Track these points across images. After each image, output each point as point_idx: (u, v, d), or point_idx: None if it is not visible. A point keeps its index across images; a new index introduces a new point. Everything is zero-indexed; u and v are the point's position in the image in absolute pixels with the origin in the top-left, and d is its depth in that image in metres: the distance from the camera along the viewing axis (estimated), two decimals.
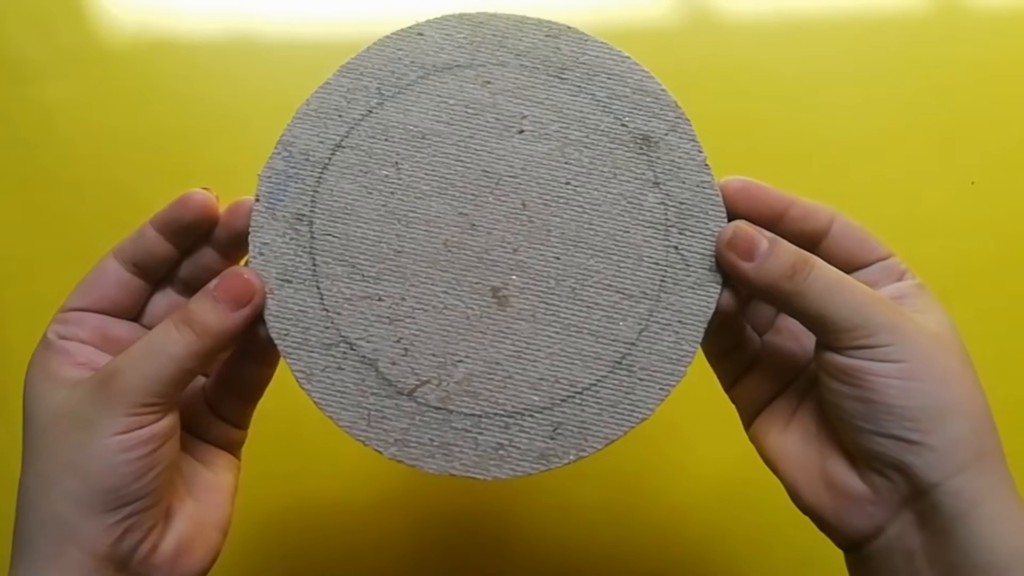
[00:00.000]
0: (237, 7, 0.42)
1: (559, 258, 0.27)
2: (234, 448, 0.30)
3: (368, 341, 0.27)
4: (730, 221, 0.27)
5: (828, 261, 0.27)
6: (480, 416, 0.26)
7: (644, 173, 0.28)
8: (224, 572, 0.32)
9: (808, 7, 0.42)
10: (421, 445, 0.26)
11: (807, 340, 0.29)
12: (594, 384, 0.27)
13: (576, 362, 0.27)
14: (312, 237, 0.27)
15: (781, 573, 0.39)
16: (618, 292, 0.27)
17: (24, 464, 0.26)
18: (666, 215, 0.27)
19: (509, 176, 0.27)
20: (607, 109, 0.28)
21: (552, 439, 0.27)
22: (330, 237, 0.27)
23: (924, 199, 0.41)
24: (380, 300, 0.27)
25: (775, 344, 0.29)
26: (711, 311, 0.27)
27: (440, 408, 0.26)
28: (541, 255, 0.27)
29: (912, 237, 0.37)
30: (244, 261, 0.27)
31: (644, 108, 0.28)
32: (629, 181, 0.27)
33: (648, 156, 0.28)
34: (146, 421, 0.25)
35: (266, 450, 0.34)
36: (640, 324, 0.27)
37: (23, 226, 0.40)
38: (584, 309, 0.27)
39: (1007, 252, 0.41)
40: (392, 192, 0.27)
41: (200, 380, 0.29)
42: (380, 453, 0.26)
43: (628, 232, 0.27)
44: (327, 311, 0.27)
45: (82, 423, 0.25)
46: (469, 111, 0.28)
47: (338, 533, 0.38)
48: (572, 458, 0.27)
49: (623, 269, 0.27)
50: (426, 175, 0.27)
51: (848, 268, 0.27)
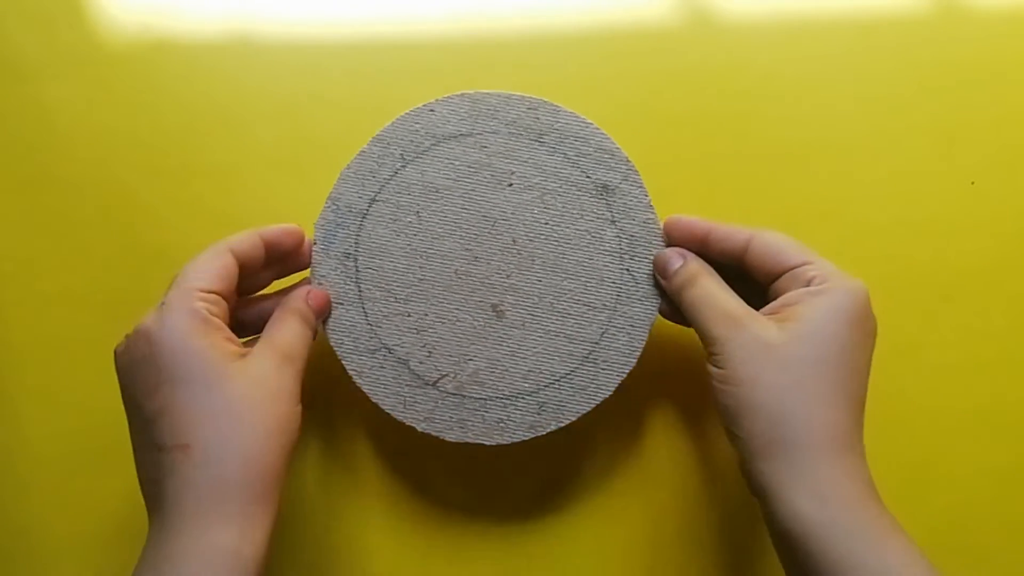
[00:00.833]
0: (237, 8, 0.41)
1: (541, 280, 0.36)
2: None
3: (401, 346, 0.36)
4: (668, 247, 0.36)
5: (750, 274, 0.34)
6: (486, 399, 0.36)
7: (604, 213, 0.36)
8: None
9: (808, 7, 0.41)
10: (443, 421, 0.36)
11: None
12: (568, 374, 0.36)
13: (555, 358, 0.36)
14: (357, 270, 0.36)
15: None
16: (585, 305, 0.36)
17: (198, 425, 0.28)
18: (620, 246, 0.36)
19: (502, 219, 0.36)
20: (575, 164, 0.36)
21: (539, 414, 0.36)
22: (370, 270, 0.36)
23: (924, 199, 0.41)
24: (409, 316, 0.36)
25: None
26: (654, 317, 0.36)
27: (456, 394, 0.36)
28: (528, 279, 0.36)
29: (912, 237, 0.40)
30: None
31: (604, 163, 0.36)
32: (593, 220, 0.36)
33: (607, 200, 0.36)
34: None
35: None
36: (602, 328, 0.36)
37: (23, 226, 0.40)
38: (560, 318, 0.36)
39: (1007, 252, 0.40)
40: (415, 234, 0.36)
41: None
42: (414, 428, 0.36)
43: (592, 259, 0.36)
44: (370, 325, 0.36)
45: (284, 393, 0.30)
46: (471, 169, 0.36)
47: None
48: (553, 427, 0.36)
49: (589, 287, 0.36)
50: (440, 220, 0.36)
51: (767, 278, 0.33)
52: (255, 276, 0.35)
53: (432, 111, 0.37)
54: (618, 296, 0.36)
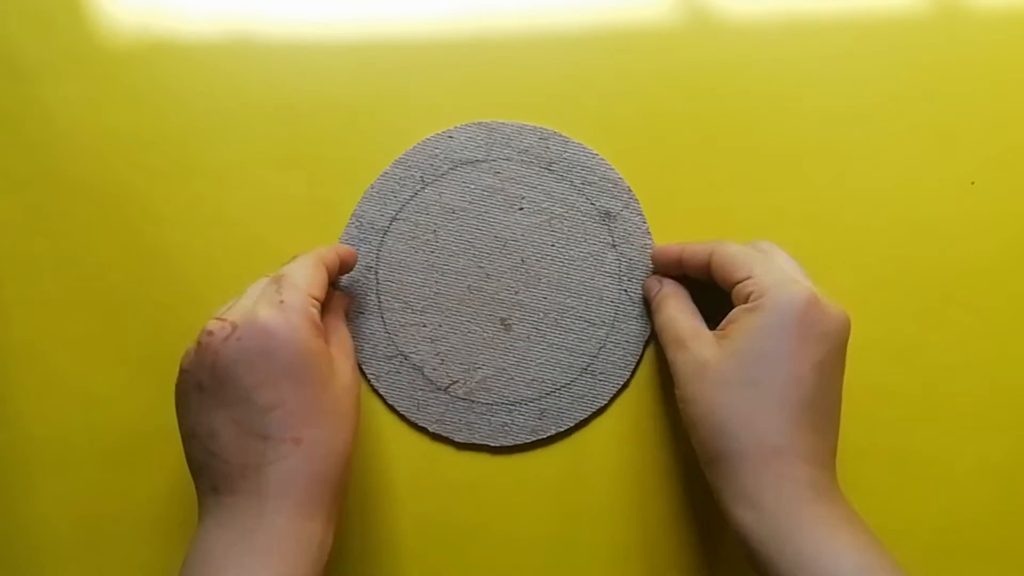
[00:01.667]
0: (237, 8, 0.41)
1: (546, 298, 0.39)
2: None
3: (416, 354, 0.39)
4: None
5: (715, 284, 0.35)
6: (492, 404, 0.39)
7: (606, 238, 0.39)
8: None
9: (807, 7, 0.41)
10: (453, 423, 0.39)
11: None
12: (568, 383, 0.39)
13: (556, 368, 0.39)
14: (377, 282, 0.39)
15: None
16: (586, 321, 0.39)
17: (311, 422, 0.30)
18: (620, 268, 0.39)
19: (512, 240, 0.39)
20: (581, 192, 0.40)
21: (540, 419, 0.39)
22: (389, 283, 0.39)
23: (924, 199, 0.41)
24: (424, 326, 0.39)
25: None
26: (648, 334, 0.39)
27: (465, 399, 0.39)
28: (534, 295, 0.39)
29: (912, 237, 0.40)
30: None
31: (607, 191, 0.39)
32: (595, 244, 0.39)
33: (609, 226, 0.40)
34: None
35: None
36: (600, 343, 0.39)
37: (23, 226, 0.40)
38: (563, 333, 0.39)
39: (1007, 252, 0.40)
40: (432, 251, 0.39)
41: None
42: (426, 429, 0.39)
43: (594, 280, 0.39)
44: (388, 333, 0.39)
45: (360, 398, 0.34)
46: (485, 193, 0.39)
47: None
48: (553, 431, 0.39)
49: (589, 305, 0.39)
50: (455, 239, 0.39)
51: (725, 289, 0.35)
52: None
53: (451, 137, 0.40)
54: (616, 314, 0.39)
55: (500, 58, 0.41)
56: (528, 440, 0.39)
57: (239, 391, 0.30)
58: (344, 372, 0.33)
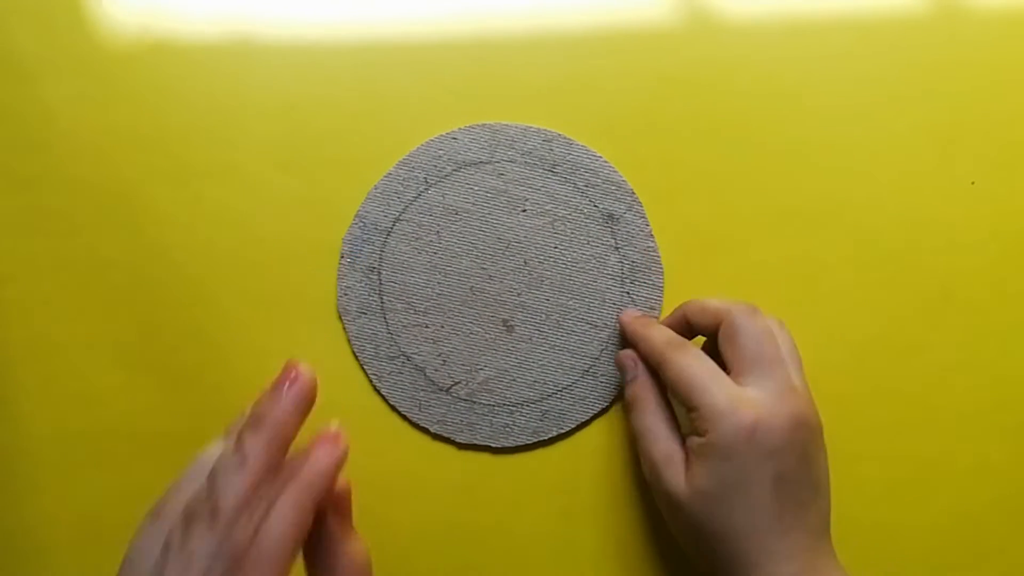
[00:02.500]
0: (239, 8, 0.41)
1: (548, 299, 0.39)
2: None
3: (418, 355, 0.39)
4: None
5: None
6: (494, 406, 0.39)
7: (608, 240, 0.40)
8: None
9: (807, 7, 0.41)
10: (455, 424, 0.39)
11: None
12: (570, 385, 0.39)
13: (558, 370, 0.39)
14: (380, 283, 0.39)
15: None
16: (588, 323, 0.39)
17: None
18: (622, 271, 0.40)
19: (515, 242, 0.39)
20: (584, 194, 0.40)
21: (541, 421, 0.39)
22: (392, 283, 0.39)
23: (924, 199, 0.41)
24: (427, 327, 0.39)
25: None
26: None
27: (467, 400, 0.39)
28: (536, 297, 0.39)
29: (912, 237, 0.41)
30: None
31: (610, 194, 0.40)
32: (598, 246, 0.40)
33: (612, 228, 0.40)
34: None
35: None
36: (602, 345, 0.40)
37: (23, 226, 0.40)
38: (565, 335, 0.40)
39: (1007, 252, 0.41)
40: (435, 252, 0.39)
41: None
42: (428, 429, 0.39)
43: (596, 282, 0.40)
44: (391, 334, 0.39)
45: None
46: (488, 195, 0.40)
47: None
48: (554, 433, 0.39)
49: (592, 308, 0.40)
50: (458, 240, 0.39)
51: None
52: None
53: (455, 139, 0.40)
54: (618, 316, 0.39)
55: (503, 59, 0.41)
56: (530, 441, 0.39)
57: None
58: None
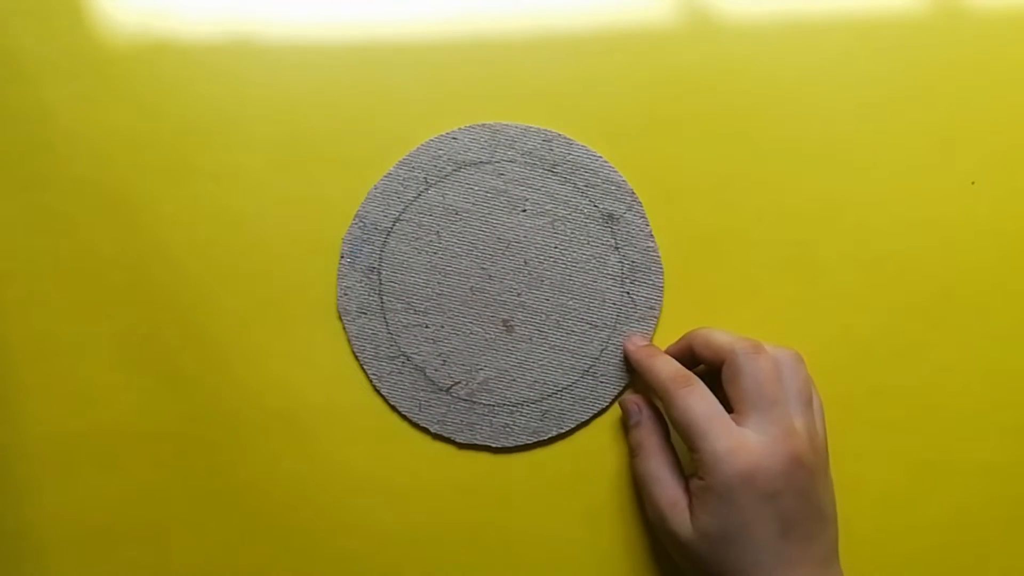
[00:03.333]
0: (238, 9, 0.41)
1: (548, 299, 0.39)
2: None
3: (418, 355, 0.39)
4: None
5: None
6: (494, 406, 0.39)
7: (608, 240, 0.40)
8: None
9: (807, 8, 0.41)
10: (455, 424, 0.39)
11: None
12: (570, 385, 0.39)
13: (558, 370, 0.39)
14: (380, 283, 0.39)
15: None
16: (588, 323, 0.40)
17: None
18: (622, 270, 0.40)
19: (515, 242, 0.39)
20: (584, 194, 0.40)
21: (541, 421, 0.39)
22: (392, 284, 0.39)
23: (924, 199, 0.41)
24: (427, 327, 0.39)
25: None
26: (650, 337, 0.40)
27: (467, 400, 0.39)
28: (536, 297, 0.39)
29: (912, 237, 0.41)
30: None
31: (610, 194, 0.40)
32: (598, 246, 0.40)
33: (612, 228, 0.40)
34: None
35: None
36: (602, 345, 0.40)
37: (23, 226, 0.40)
38: (565, 335, 0.40)
39: (1007, 252, 0.41)
40: (435, 252, 0.39)
41: None
42: (428, 429, 0.39)
43: (596, 282, 0.40)
44: (391, 334, 0.39)
45: None
46: (488, 195, 0.40)
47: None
48: (554, 433, 0.39)
49: (592, 307, 0.40)
50: (458, 241, 0.39)
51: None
52: None
53: (455, 139, 0.40)
54: (618, 316, 0.40)
55: (502, 59, 0.41)
56: (529, 441, 0.39)
57: None
58: None
